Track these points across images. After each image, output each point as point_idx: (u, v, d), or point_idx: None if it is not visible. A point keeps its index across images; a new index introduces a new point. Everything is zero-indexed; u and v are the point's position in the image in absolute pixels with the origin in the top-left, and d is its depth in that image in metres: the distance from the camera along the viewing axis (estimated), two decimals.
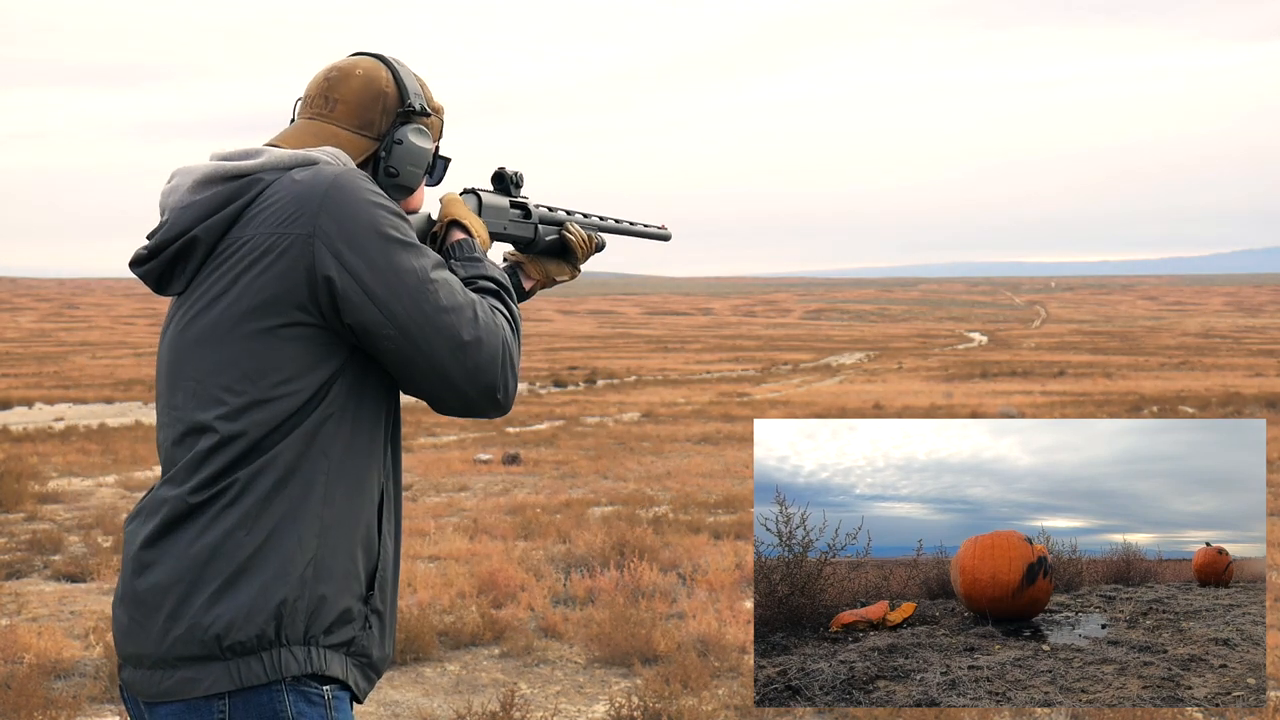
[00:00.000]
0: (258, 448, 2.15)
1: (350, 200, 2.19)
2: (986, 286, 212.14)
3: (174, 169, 2.34)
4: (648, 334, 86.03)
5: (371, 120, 2.38)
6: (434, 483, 15.05)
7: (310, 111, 2.40)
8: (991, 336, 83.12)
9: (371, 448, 2.25)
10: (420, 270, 2.20)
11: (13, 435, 20.97)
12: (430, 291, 2.19)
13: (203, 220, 2.23)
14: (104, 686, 6.39)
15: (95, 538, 10.89)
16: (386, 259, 2.18)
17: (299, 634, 2.14)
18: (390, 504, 2.31)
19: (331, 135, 2.36)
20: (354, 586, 2.21)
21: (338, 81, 2.39)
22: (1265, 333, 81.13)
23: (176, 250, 2.25)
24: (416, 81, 2.44)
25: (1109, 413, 24.96)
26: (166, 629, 2.13)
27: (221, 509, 2.14)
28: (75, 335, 72.15)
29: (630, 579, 8.65)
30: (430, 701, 6.46)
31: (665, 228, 3.03)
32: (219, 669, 2.10)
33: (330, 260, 2.16)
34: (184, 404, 2.21)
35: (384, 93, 2.39)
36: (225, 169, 2.27)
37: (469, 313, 2.22)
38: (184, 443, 2.20)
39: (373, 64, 2.40)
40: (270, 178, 2.25)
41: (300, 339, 2.17)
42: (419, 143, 2.39)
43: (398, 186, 2.39)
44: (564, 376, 40.27)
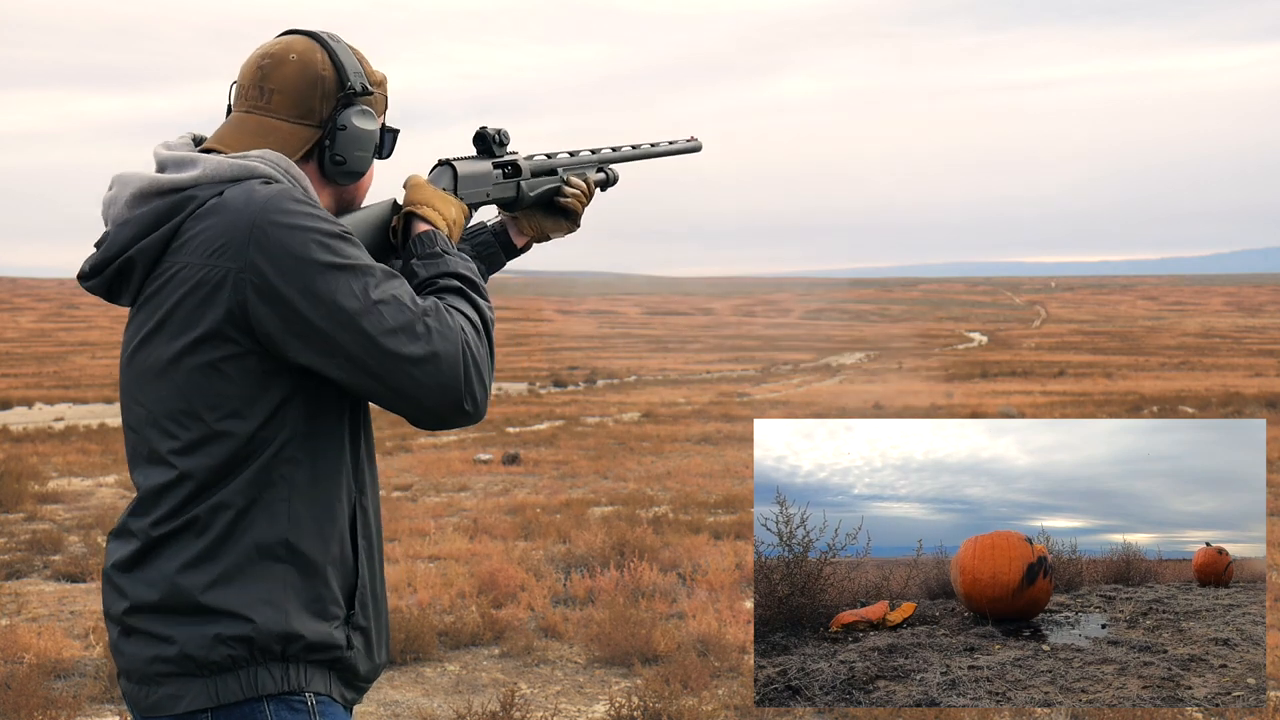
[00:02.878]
0: (214, 481, 2.11)
1: (281, 229, 2.07)
2: (986, 286, 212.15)
3: (114, 175, 2.24)
4: (648, 334, 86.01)
5: (312, 108, 2.25)
6: (434, 483, 15.05)
7: (246, 104, 2.27)
8: (991, 336, 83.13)
9: (336, 467, 2.18)
10: (361, 293, 2.08)
11: (13, 435, 20.98)
12: (375, 315, 2.08)
13: (139, 240, 2.16)
14: (104, 686, 6.39)
15: (95, 538, 10.89)
16: (324, 289, 2.07)
17: (275, 654, 2.12)
18: (364, 519, 2.24)
19: (271, 129, 2.24)
20: (332, 609, 2.17)
21: (271, 70, 2.25)
22: (1265, 333, 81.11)
23: (117, 268, 2.19)
24: (354, 57, 2.28)
25: (1109, 413, 24.95)
26: (145, 648, 2.13)
27: (186, 542, 2.11)
28: (75, 335, 72.13)
29: (630, 579, 8.65)
30: (430, 701, 6.46)
31: (695, 138, 2.85)
32: (198, 686, 2.10)
33: (264, 297, 2.07)
34: (140, 428, 2.19)
35: (321, 77, 2.25)
36: (162, 183, 2.17)
37: (420, 327, 2.10)
38: (144, 469, 2.18)
39: (307, 45, 2.26)
40: (204, 194, 2.14)
41: (243, 370, 2.10)
42: (364, 125, 2.26)
43: (346, 173, 2.28)
44: (564, 376, 40.25)
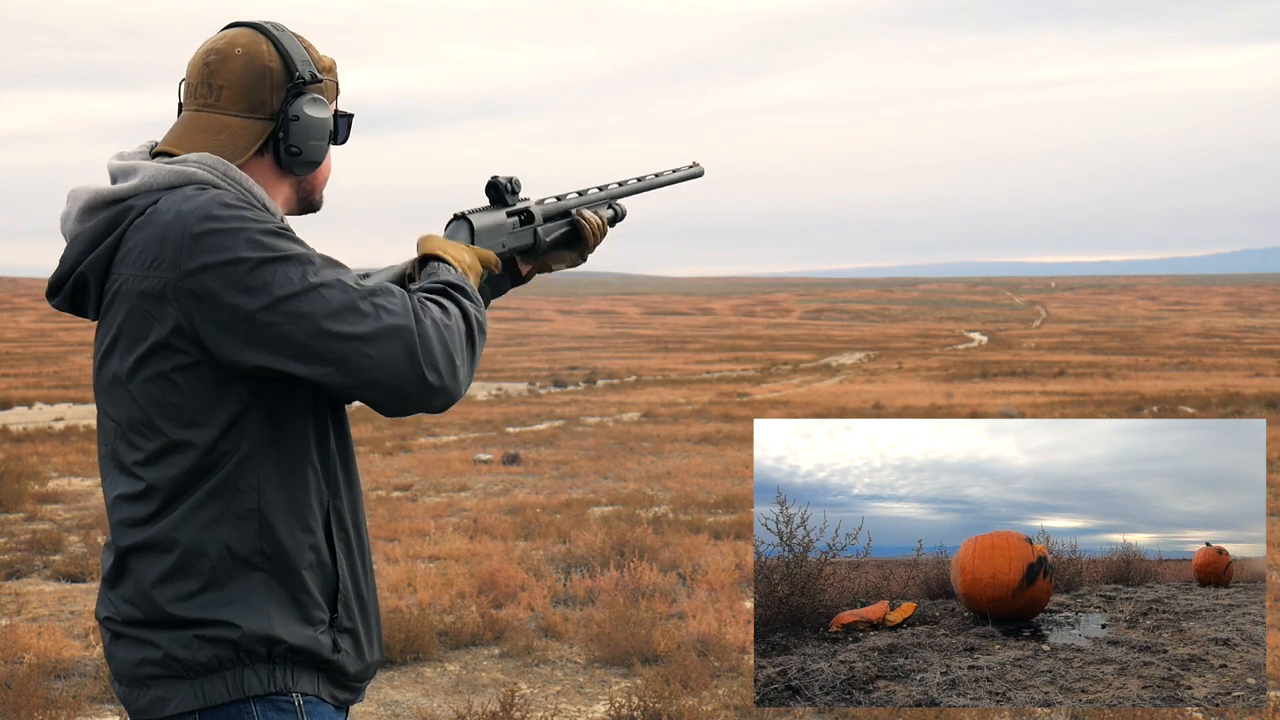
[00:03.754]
0: (180, 492, 2.12)
1: (211, 235, 2.07)
2: (986, 286, 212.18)
3: (69, 190, 2.24)
4: (648, 334, 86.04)
5: (261, 100, 2.24)
6: (434, 483, 15.05)
7: (196, 102, 2.26)
8: (991, 336, 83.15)
9: (303, 472, 2.17)
10: (300, 280, 2.07)
11: (13, 435, 20.98)
12: (315, 297, 2.07)
13: (86, 255, 2.17)
14: (104, 686, 6.40)
15: (95, 538, 10.89)
16: (259, 282, 2.06)
17: (260, 656, 2.12)
18: (339, 521, 2.22)
19: (221, 126, 2.23)
20: (315, 614, 2.16)
21: (218, 66, 2.24)
22: (1265, 333, 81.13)
23: (73, 285, 2.20)
24: (301, 46, 2.28)
25: (1109, 413, 24.95)
26: (132, 651, 2.15)
27: (158, 556, 2.13)
28: (75, 335, 72.14)
29: (630, 579, 8.65)
30: (430, 701, 6.46)
31: (696, 164, 2.89)
32: (185, 688, 2.11)
33: (205, 304, 2.06)
34: (108, 439, 2.21)
35: (268, 69, 2.23)
36: (104, 194, 2.17)
37: (366, 306, 2.09)
38: (113, 479, 2.20)
39: (251, 38, 2.25)
40: (141, 203, 2.15)
41: (196, 379, 2.10)
42: (316, 114, 2.25)
43: (304, 163, 2.27)
44: (564, 376, 40.26)
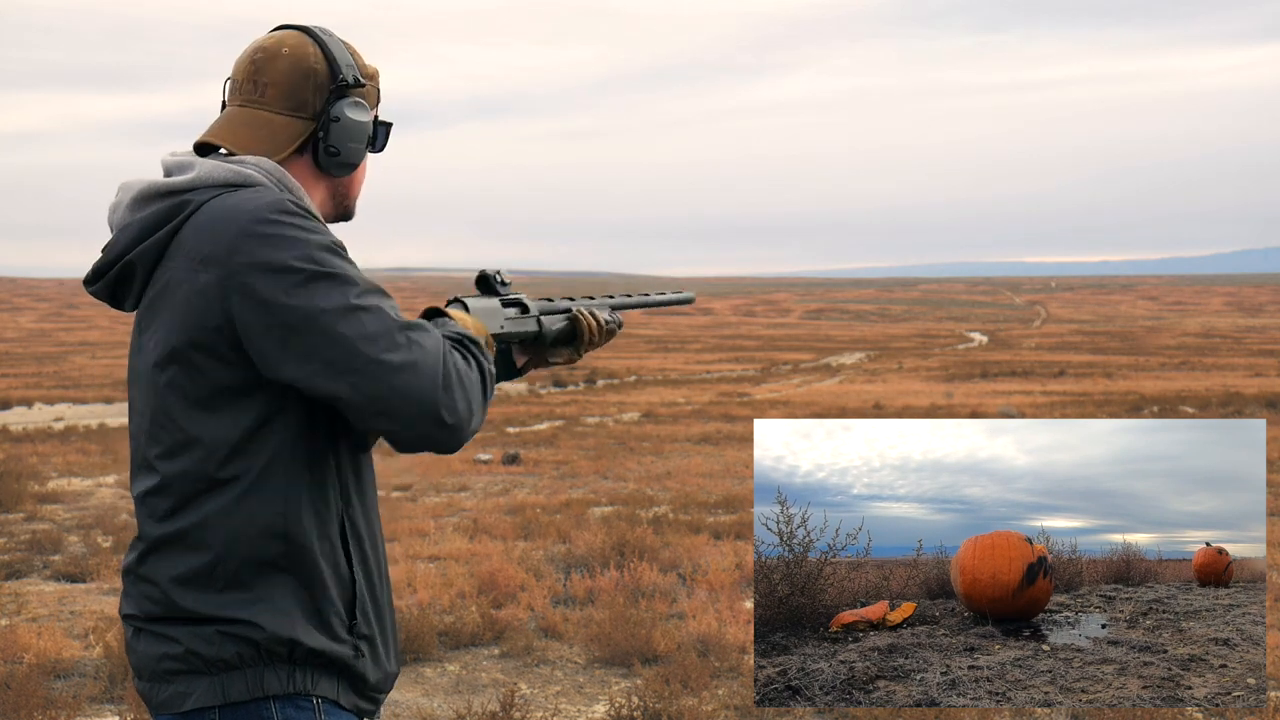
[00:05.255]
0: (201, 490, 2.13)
1: (266, 239, 2.10)
2: (986, 286, 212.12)
3: (120, 182, 2.27)
4: (648, 334, 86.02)
5: (304, 100, 2.28)
6: (434, 483, 15.05)
7: (240, 98, 2.30)
8: (992, 336, 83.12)
9: (324, 479, 2.19)
10: (343, 301, 2.10)
11: (13, 435, 20.98)
12: (354, 320, 2.09)
13: (138, 243, 2.19)
14: (104, 686, 6.40)
15: (95, 538, 10.89)
16: (305, 296, 2.08)
17: (281, 657, 2.13)
18: (354, 531, 2.24)
19: (265, 122, 2.27)
20: (333, 621, 2.18)
21: (264, 64, 2.28)
22: (1265, 333, 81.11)
23: (117, 273, 2.22)
24: (346, 51, 2.32)
25: (1109, 413, 24.95)
26: (154, 646, 2.16)
27: (176, 551, 2.14)
28: (75, 335, 72.15)
29: (630, 579, 8.65)
30: (430, 701, 6.46)
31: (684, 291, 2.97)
32: (205, 684, 2.12)
33: (249, 305, 2.09)
34: (136, 432, 2.23)
35: (314, 70, 2.28)
36: (159, 186, 2.20)
37: (400, 337, 2.11)
38: (139, 474, 2.22)
39: (299, 40, 2.30)
40: (199, 198, 2.18)
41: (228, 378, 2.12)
42: (357, 117, 2.30)
43: (340, 164, 2.31)
44: (564, 376, 40.26)
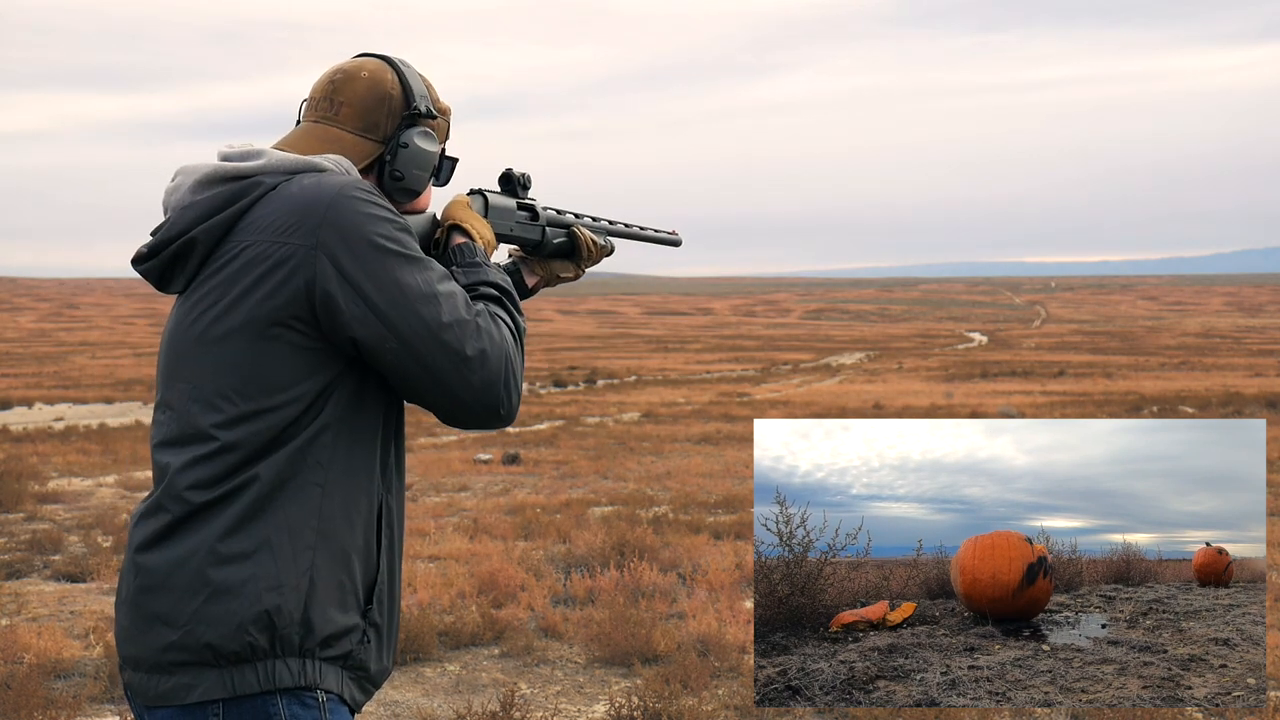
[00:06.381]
0: (252, 458, 2.14)
1: (354, 213, 2.17)
2: (986, 286, 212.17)
3: (178, 167, 2.33)
4: (648, 334, 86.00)
5: (377, 123, 2.35)
6: (434, 483, 15.04)
7: (315, 115, 2.38)
8: (991, 336, 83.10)
9: (369, 460, 2.24)
10: (424, 284, 2.18)
11: (13, 435, 20.96)
12: (433, 306, 2.17)
13: (202, 221, 2.22)
14: (104, 686, 6.39)
15: (95, 538, 10.89)
16: (389, 274, 2.16)
17: (293, 646, 2.13)
18: (389, 518, 2.29)
19: (336, 139, 2.34)
20: (350, 600, 2.20)
21: (343, 84, 2.36)
22: (1265, 333, 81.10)
23: (176, 250, 2.24)
24: (423, 83, 2.41)
25: (1109, 413, 24.94)
26: (161, 635, 2.14)
27: (216, 517, 2.14)
28: (75, 335, 72.13)
29: (630, 579, 8.65)
30: (430, 701, 6.46)
31: (675, 233, 3.00)
32: (213, 676, 2.11)
33: (332, 274, 2.14)
34: (180, 405, 2.21)
35: (389, 95, 2.36)
36: (227, 169, 2.25)
37: (472, 327, 2.20)
38: (179, 446, 2.19)
39: (378, 66, 2.38)
40: (272, 181, 2.23)
41: (297, 350, 2.16)
42: (425, 146, 2.37)
43: (403, 190, 2.37)
44: (564, 376, 40.25)
